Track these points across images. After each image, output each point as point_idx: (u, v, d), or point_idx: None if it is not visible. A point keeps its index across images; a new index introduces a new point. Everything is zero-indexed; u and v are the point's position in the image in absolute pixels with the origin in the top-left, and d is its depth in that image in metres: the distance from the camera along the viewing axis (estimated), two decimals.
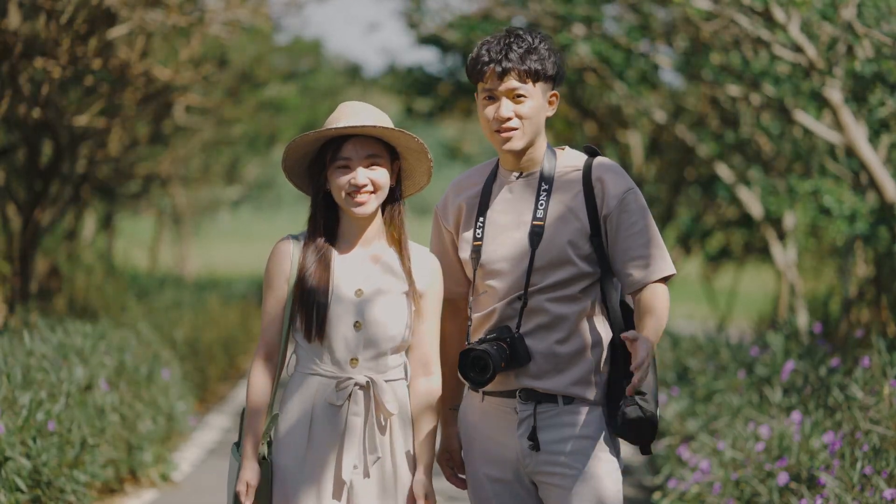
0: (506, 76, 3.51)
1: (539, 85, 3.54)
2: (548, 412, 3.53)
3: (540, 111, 3.55)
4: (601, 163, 3.58)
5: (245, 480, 3.56)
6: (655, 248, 3.53)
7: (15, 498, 5.65)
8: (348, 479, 3.55)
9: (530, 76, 3.51)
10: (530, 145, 3.57)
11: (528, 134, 3.54)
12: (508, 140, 3.54)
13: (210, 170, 23.46)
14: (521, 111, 3.53)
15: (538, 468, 3.54)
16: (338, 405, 3.55)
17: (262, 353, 3.62)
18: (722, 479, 5.94)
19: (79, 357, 7.20)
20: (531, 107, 3.53)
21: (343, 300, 3.57)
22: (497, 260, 3.57)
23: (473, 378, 3.48)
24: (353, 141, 3.58)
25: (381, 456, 3.58)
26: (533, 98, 3.53)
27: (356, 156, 3.57)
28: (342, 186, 3.57)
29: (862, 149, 7.79)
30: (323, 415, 3.56)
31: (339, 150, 3.57)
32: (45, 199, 10.99)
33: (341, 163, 3.57)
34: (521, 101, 3.53)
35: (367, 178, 3.57)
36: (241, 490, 3.56)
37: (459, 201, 3.66)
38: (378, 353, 3.58)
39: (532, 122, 3.54)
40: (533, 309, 3.53)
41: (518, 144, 3.55)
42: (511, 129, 3.53)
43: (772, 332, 7.92)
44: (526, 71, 3.51)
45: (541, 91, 3.54)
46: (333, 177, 3.58)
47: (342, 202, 3.58)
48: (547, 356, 3.52)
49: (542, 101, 3.55)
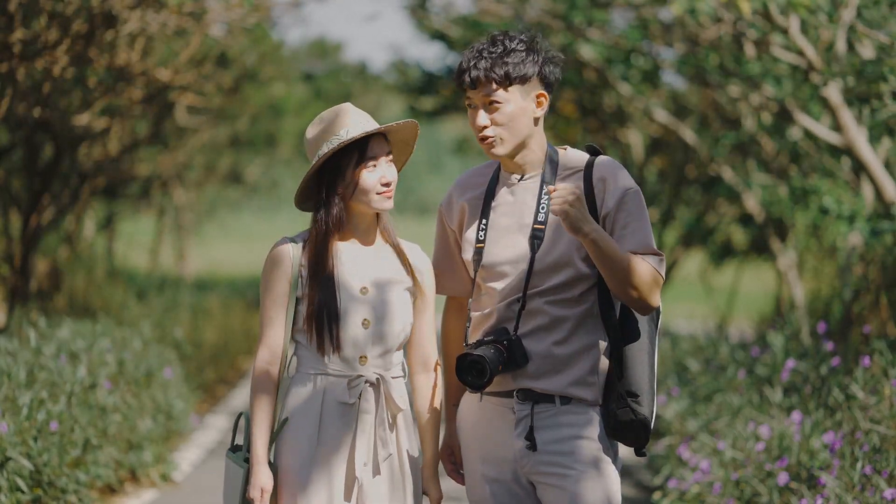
0: (478, 84, 3.51)
1: (515, 88, 3.51)
2: (545, 412, 3.54)
3: (519, 115, 3.53)
4: (602, 162, 3.57)
5: (259, 486, 3.55)
6: (648, 248, 3.50)
7: (16, 498, 5.65)
8: (361, 476, 3.56)
9: (501, 82, 3.49)
10: (520, 149, 3.56)
11: (508, 140, 3.53)
12: (491, 147, 3.55)
13: (213, 171, 23.46)
14: (497, 118, 3.52)
15: (535, 468, 3.54)
16: (350, 403, 3.56)
17: (265, 356, 3.61)
18: (722, 479, 5.94)
19: (80, 356, 7.21)
20: (506, 113, 3.51)
21: (350, 299, 3.58)
22: (498, 263, 3.57)
23: (471, 381, 3.49)
24: (375, 139, 3.61)
25: (393, 453, 3.60)
26: (509, 103, 3.51)
27: (381, 153, 3.61)
28: (372, 185, 3.59)
29: (862, 149, 7.79)
30: (333, 414, 3.57)
31: (365, 150, 3.59)
32: (45, 199, 11.00)
33: (372, 162, 3.59)
34: (495, 107, 3.52)
35: (394, 176, 3.62)
36: (256, 497, 3.54)
37: (462, 201, 3.67)
38: (385, 349, 3.60)
39: (510, 127, 3.52)
40: (531, 311, 3.54)
41: (500, 151, 3.55)
42: (489, 137, 3.53)
43: (772, 332, 7.91)
44: (496, 77, 3.49)
45: (519, 94, 3.52)
46: (360, 177, 3.58)
47: (369, 200, 3.59)
48: (545, 357, 3.53)
49: (521, 104, 3.53)
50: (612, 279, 3.44)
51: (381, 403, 3.58)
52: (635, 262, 3.44)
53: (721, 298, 18.93)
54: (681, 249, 16.92)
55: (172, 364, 9.16)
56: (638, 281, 3.44)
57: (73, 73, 9.27)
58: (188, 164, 21.01)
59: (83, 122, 10.63)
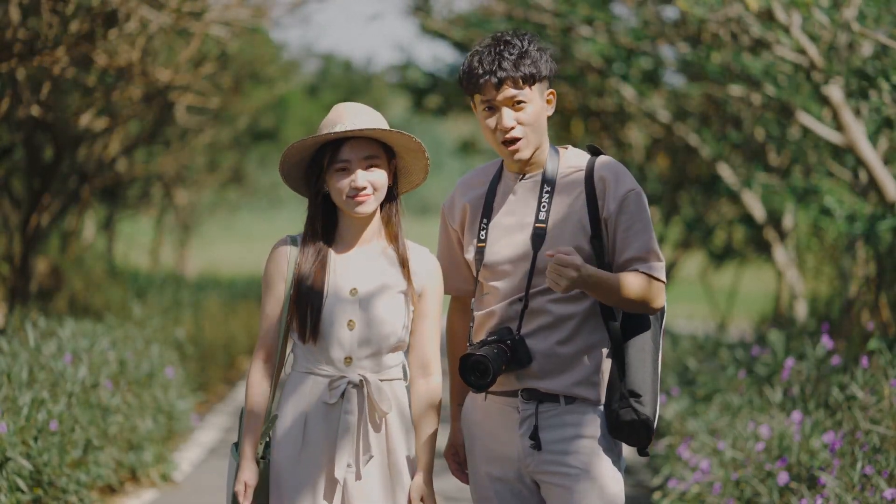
0: (502, 85, 3.51)
1: (536, 87, 3.54)
2: (550, 411, 3.54)
3: (541, 114, 3.56)
4: (603, 163, 3.57)
5: (243, 481, 3.58)
6: (650, 252, 3.52)
7: (16, 498, 5.65)
8: (342, 478, 3.56)
9: (527, 81, 3.51)
10: (537, 149, 3.58)
11: (533, 140, 3.55)
12: (517, 151, 3.55)
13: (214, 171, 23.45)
14: (523, 118, 3.53)
15: (540, 467, 3.55)
16: (331, 404, 3.56)
17: (261, 353, 3.63)
18: (722, 479, 5.94)
19: (81, 356, 7.20)
20: (532, 112, 3.54)
21: (338, 300, 3.58)
22: (500, 262, 3.58)
23: (474, 382, 3.49)
24: (351, 143, 3.58)
25: (375, 455, 3.59)
26: (532, 102, 3.54)
27: (355, 158, 3.58)
28: (342, 189, 3.57)
29: (862, 148, 7.79)
30: (318, 414, 3.58)
31: (337, 152, 3.58)
32: (45, 199, 11.00)
33: (340, 165, 3.58)
34: (521, 107, 3.53)
35: (367, 181, 3.58)
36: (240, 490, 3.58)
37: (465, 201, 3.67)
38: (373, 352, 3.59)
39: (535, 126, 3.54)
40: (534, 310, 3.54)
41: (526, 153, 3.56)
42: (516, 138, 3.53)
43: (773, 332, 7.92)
44: (522, 77, 3.51)
45: (538, 93, 3.55)
46: (333, 179, 3.59)
47: (342, 204, 3.59)
48: (548, 357, 3.53)
49: (541, 102, 3.56)
50: (612, 303, 3.50)
51: (364, 406, 3.58)
52: (631, 284, 3.47)
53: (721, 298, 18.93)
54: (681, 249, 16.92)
55: (173, 364, 9.17)
56: (637, 297, 3.48)
57: (73, 73, 9.27)
58: (189, 164, 21.00)
59: (83, 123, 10.63)
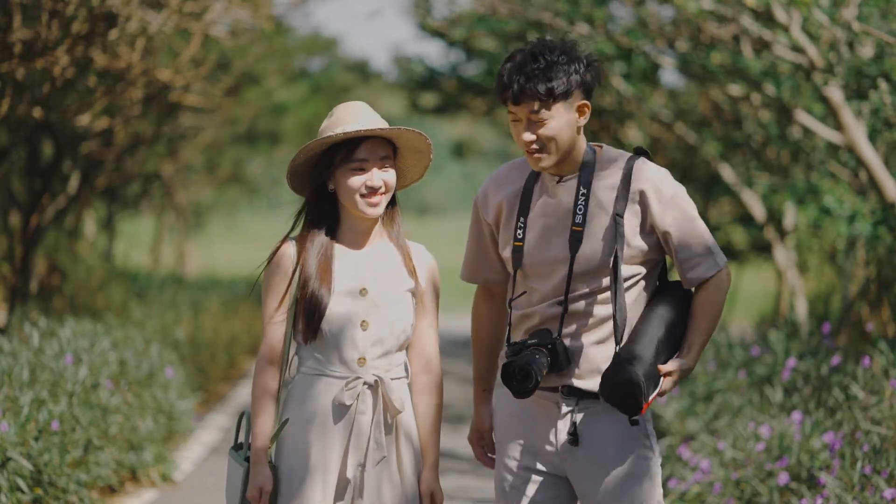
0: (521, 101, 3.48)
1: (560, 104, 3.48)
2: (590, 409, 3.55)
3: (564, 128, 3.50)
4: (641, 168, 3.54)
5: (258, 486, 3.55)
6: (702, 246, 3.51)
7: (16, 498, 5.65)
8: (353, 478, 3.56)
9: (545, 100, 3.47)
10: (564, 158, 3.55)
11: (555, 153, 3.51)
12: (539, 161, 3.53)
13: (215, 170, 23.46)
14: (543, 133, 3.49)
15: (576, 463, 3.56)
16: (347, 405, 3.55)
17: (266, 356, 3.61)
18: (722, 478, 5.94)
19: (81, 356, 7.20)
20: (553, 126, 3.48)
21: (348, 300, 3.57)
22: (538, 263, 3.57)
23: (516, 386, 3.48)
24: (368, 143, 3.58)
25: (387, 455, 3.59)
26: (555, 117, 3.48)
27: (372, 157, 3.57)
28: (356, 188, 3.56)
29: (862, 148, 7.79)
30: (330, 415, 3.57)
31: (353, 151, 3.56)
32: (45, 199, 11.00)
33: (356, 165, 3.56)
34: (540, 124, 3.49)
35: (382, 180, 3.58)
36: (255, 496, 3.54)
37: (500, 198, 3.65)
38: (385, 351, 3.59)
39: (557, 141, 3.50)
40: (574, 313, 3.54)
41: (547, 164, 3.53)
42: (536, 150, 3.52)
43: (773, 331, 7.92)
44: (540, 95, 3.45)
45: (563, 108, 3.49)
46: (345, 178, 3.57)
47: (353, 203, 3.58)
48: (588, 358, 3.53)
49: (566, 117, 3.49)
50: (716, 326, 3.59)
51: (378, 405, 3.58)
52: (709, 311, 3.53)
53: None
54: None
55: (174, 364, 9.17)
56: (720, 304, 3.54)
57: (73, 73, 9.27)
58: (189, 165, 21.01)
59: (83, 123, 10.63)
